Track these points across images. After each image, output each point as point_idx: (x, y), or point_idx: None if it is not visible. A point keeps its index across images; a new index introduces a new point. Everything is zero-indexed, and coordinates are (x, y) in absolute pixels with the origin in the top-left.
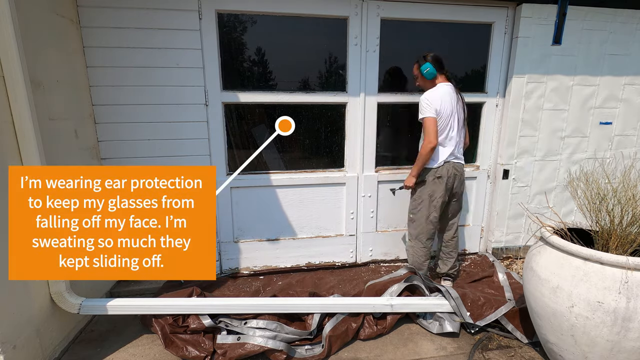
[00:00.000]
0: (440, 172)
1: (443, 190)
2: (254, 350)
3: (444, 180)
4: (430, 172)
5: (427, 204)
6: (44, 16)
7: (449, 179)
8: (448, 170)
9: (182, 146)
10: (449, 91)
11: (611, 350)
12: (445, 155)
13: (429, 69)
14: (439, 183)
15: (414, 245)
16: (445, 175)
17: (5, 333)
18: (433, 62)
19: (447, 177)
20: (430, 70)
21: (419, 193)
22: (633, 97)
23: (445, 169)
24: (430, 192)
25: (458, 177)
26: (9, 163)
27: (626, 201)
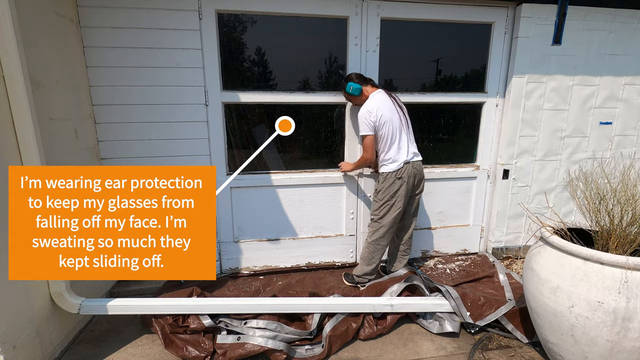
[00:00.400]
0: (401, 174)
1: (405, 191)
2: (254, 350)
3: (405, 180)
4: (392, 174)
5: (390, 205)
6: (44, 16)
7: (410, 179)
8: (408, 170)
9: (182, 146)
10: (382, 97)
11: (611, 350)
12: (404, 156)
13: (352, 86)
14: (399, 183)
15: (371, 245)
16: (406, 175)
17: (5, 333)
18: (354, 79)
19: (408, 177)
20: (355, 87)
21: (380, 195)
22: (633, 97)
23: (405, 169)
24: (392, 193)
25: (418, 176)
26: (9, 163)
27: (626, 201)
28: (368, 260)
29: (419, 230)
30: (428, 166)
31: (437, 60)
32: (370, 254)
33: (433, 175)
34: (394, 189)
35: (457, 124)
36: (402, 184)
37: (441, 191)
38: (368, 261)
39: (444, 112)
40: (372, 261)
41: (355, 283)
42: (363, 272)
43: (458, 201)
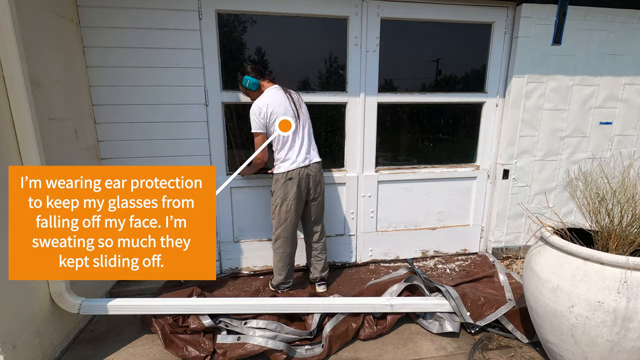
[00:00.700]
0: (292, 174)
1: (295, 192)
2: (254, 351)
3: (296, 181)
4: (281, 175)
5: (283, 210)
6: (44, 16)
7: (302, 180)
8: (301, 172)
9: (182, 146)
10: (275, 93)
11: (611, 350)
12: (296, 157)
13: (249, 80)
14: (291, 184)
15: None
16: (297, 176)
17: (5, 333)
18: (251, 72)
19: (299, 178)
20: (252, 81)
21: (274, 197)
22: (633, 97)
23: (297, 171)
24: (283, 195)
25: (312, 177)
26: (9, 163)
27: (625, 201)
28: (278, 270)
29: (419, 230)
30: (428, 166)
31: (437, 60)
32: (277, 262)
33: (433, 175)
34: (284, 191)
35: (457, 124)
36: (293, 186)
37: (441, 191)
38: (278, 271)
39: (444, 112)
40: (281, 270)
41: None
42: (278, 282)
43: (458, 201)
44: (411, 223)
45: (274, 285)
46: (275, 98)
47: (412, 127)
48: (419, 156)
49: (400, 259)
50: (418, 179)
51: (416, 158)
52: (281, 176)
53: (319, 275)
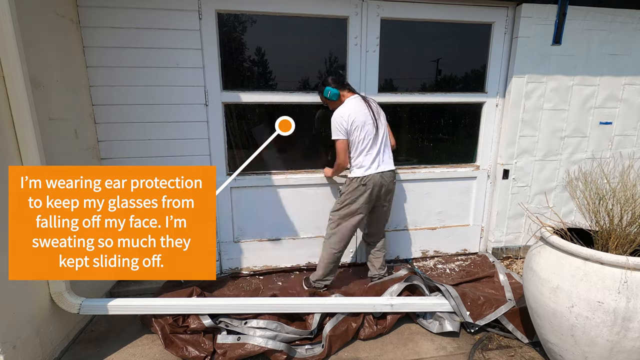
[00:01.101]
0: (366, 180)
1: (367, 199)
2: (254, 351)
3: (370, 187)
4: (357, 179)
5: (349, 210)
6: (44, 16)
7: (375, 187)
8: (375, 179)
9: (182, 146)
10: (357, 103)
11: (611, 350)
12: (372, 164)
13: (330, 91)
14: (363, 190)
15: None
16: (372, 183)
17: (5, 333)
18: (332, 83)
19: (374, 186)
20: (332, 92)
21: (343, 198)
22: (633, 97)
23: (372, 177)
24: (353, 198)
25: (385, 186)
26: (9, 163)
27: (625, 201)
28: (324, 266)
29: (419, 230)
30: (428, 166)
31: (437, 60)
32: (326, 258)
33: (433, 175)
34: (356, 194)
35: (457, 124)
36: (366, 190)
37: (441, 191)
38: (324, 266)
39: (444, 112)
40: (327, 267)
41: (312, 288)
42: (317, 278)
43: (458, 201)
44: (411, 223)
45: (314, 280)
46: (355, 107)
47: (412, 127)
48: (419, 156)
49: (400, 259)
50: (418, 179)
51: (416, 158)
52: (355, 180)
53: (377, 273)
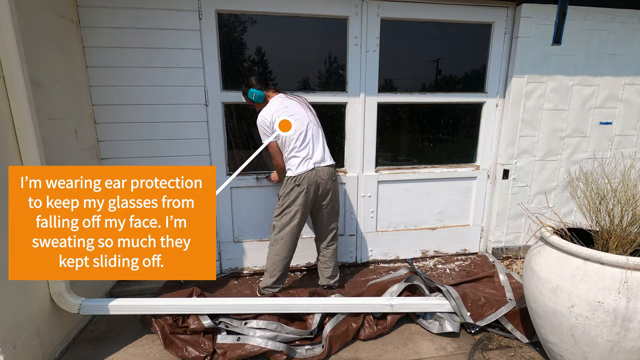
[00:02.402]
0: (300, 180)
1: (303, 200)
2: (254, 351)
3: (304, 188)
4: (290, 180)
5: (287, 214)
6: (44, 16)
7: (311, 187)
8: (309, 177)
9: (182, 146)
10: (278, 102)
11: (611, 350)
12: (301, 162)
13: (254, 93)
14: (299, 192)
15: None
16: (306, 183)
17: (5, 333)
18: (256, 84)
19: (309, 185)
20: (257, 94)
21: (280, 201)
22: (633, 97)
23: (306, 176)
24: (290, 201)
25: (322, 184)
26: (9, 163)
27: (626, 201)
28: (270, 272)
29: (419, 230)
30: (428, 166)
31: (437, 60)
32: (271, 264)
33: (433, 175)
34: (292, 196)
35: (457, 124)
36: (301, 192)
37: (441, 191)
38: (270, 273)
39: (444, 112)
40: (273, 273)
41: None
42: (265, 285)
43: (458, 201)
44: (411, 223)
45: (262, 288)
46: (278, 106)
47: (412, 127)
48: (419, 156)
49: (400, 259)
50: (418, 179)
51: (416, 158)
52: (290, 181)
53: (325, 283)
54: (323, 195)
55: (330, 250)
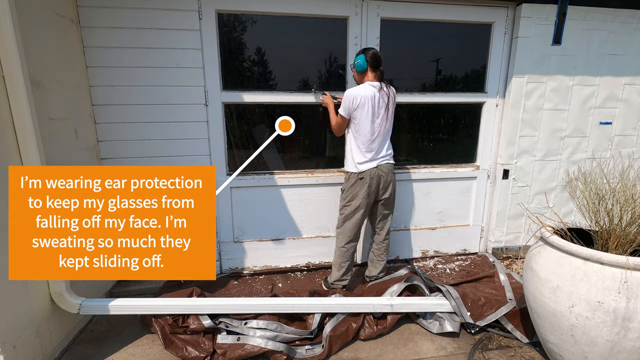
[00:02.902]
0: (363, 174)
1: (365, 193)
2: (254, 351)
3: (367, 182)
4: (354, 174)
5: (350, 207)
6: (44, 16)
7: (373, 181)
8: (372, 172)
9: (182, 146)
10: (370, 90)
11: (611, 350)
12: (368, 157)
13: (359, 60)
14: (362, 184)
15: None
16: (368, 176)
17: (5, 333)
18: (368, 57)
19: (371, 179)
20: (361, 64)
21: (345, 194)
22: (633, 97)
23: (369, 171)
24: (353, 194)
25: (384, 178)
26: (9, 163)
27: (625, 201)
28: (337, 266)
29: (419, 230)
30: (428, 166)
31: (437, 60)
32: (337, 258)
33: (433, 175)
34: (355, 190)
35: (457, 124)
36: (364, 185)
37: (441, 191)
38: (337, 267)
39: (444, 112)
40: (341, 267)
41: (331, 288)
42: (334, 279)
43: (458, 201)
44: (411, 223)
45: (332, 282)
46: (367, 93)
47: (412, 127)
48: (419, 156)
49: (400, 259)
50: (418, 179)
51: (416, 158)
52: (353, 176)
53: (375, 275)
54: (382, 190)
55: (384, 245)
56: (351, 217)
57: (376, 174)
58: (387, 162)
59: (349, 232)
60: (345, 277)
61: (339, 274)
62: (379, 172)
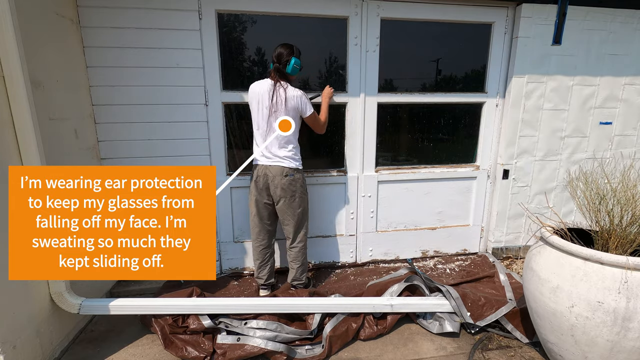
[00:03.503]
0: (253, 170)
1: (255, 190)
2: (253, 352)
3: (253, 179)
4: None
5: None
6: (44, 16)
7: (258, 179)
8: (259, 171)
9: (182, 146)
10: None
11: (611, 350)
12: (255, 154)
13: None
14: (252, 182)
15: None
16: (255, 174)
17: (5, 333)
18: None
19: (257, 177)
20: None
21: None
22: (633, 97)
23: (257, 168)
24: (250, 188)
25: (271, 179)
26: (9, 163)
27: (626, 201)
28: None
29: (419, 230)
30: (428, 166)
31: (437, 60)
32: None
33: (433, 175)
34: (250, 185)
35: (457, 124)
36: (252, 181)
37: (441, 191)
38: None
39: (444, 112)
40: (254, 263)
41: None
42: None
43: (458, 201)
44: (411, 223)
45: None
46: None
47: (412, 127)
48: (419, 156)
49: (400, 259)
50: (418, 179)
51: (416, 158)
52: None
53: (290, 282)
54: (273, 189)
55: (293, 252)
56: (250, 215)
57: (263, 173)
58: (278, 165)
59: (251, 230)
60: (261, 275)
61: (255, 271)
62: (266, 172)
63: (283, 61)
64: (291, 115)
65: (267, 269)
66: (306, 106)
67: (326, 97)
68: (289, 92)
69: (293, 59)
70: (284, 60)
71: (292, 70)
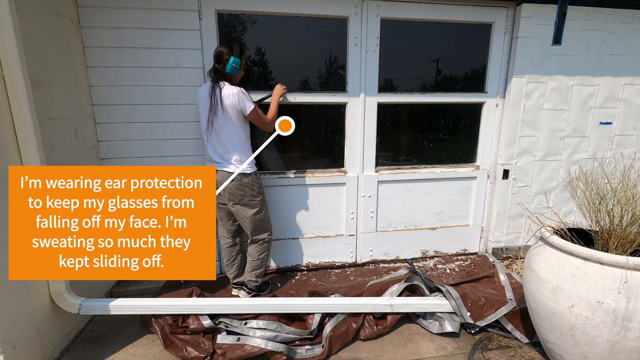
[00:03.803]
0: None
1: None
2: (253, 352)
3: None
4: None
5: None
6: (44, 16)
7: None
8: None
9: (182, 146)
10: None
11: (611, 350)
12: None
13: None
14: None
15: None
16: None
17: (5, 333)
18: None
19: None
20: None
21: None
22: (633, 97)
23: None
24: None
25: (219, 183)
26: (9, 163)
27: (626, 201)
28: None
29: (419, 230)
30: (428, 166)
31: (437, 60)
32: None
33: (433, 175)
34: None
35: (457, 124)
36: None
37: (441, 191)
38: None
39: (444, 112)
40: (224, 259)
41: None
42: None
43: (458, 201)
44: (411, 223)
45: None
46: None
47: (412, 127)
48: (419, 156)
49: (400, 259)
50: (418, 179)
51: (416, 158)
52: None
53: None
54: (223, 194)
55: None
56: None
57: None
58: (224, 170)
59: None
60: (229, 272)
61: (225, 269)
62: (217, 176)
63: (222, 61)
64: (230, 114)
65: (234, 267)
66: (245, 103)
67: (276, 95)
68: (225, 91)
69: (232, 58)
70: (223, 60)
71: (232, 70)
